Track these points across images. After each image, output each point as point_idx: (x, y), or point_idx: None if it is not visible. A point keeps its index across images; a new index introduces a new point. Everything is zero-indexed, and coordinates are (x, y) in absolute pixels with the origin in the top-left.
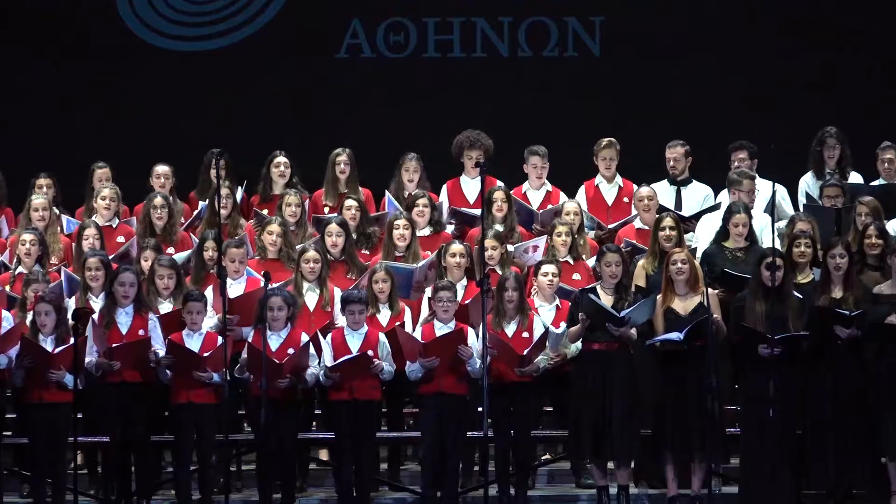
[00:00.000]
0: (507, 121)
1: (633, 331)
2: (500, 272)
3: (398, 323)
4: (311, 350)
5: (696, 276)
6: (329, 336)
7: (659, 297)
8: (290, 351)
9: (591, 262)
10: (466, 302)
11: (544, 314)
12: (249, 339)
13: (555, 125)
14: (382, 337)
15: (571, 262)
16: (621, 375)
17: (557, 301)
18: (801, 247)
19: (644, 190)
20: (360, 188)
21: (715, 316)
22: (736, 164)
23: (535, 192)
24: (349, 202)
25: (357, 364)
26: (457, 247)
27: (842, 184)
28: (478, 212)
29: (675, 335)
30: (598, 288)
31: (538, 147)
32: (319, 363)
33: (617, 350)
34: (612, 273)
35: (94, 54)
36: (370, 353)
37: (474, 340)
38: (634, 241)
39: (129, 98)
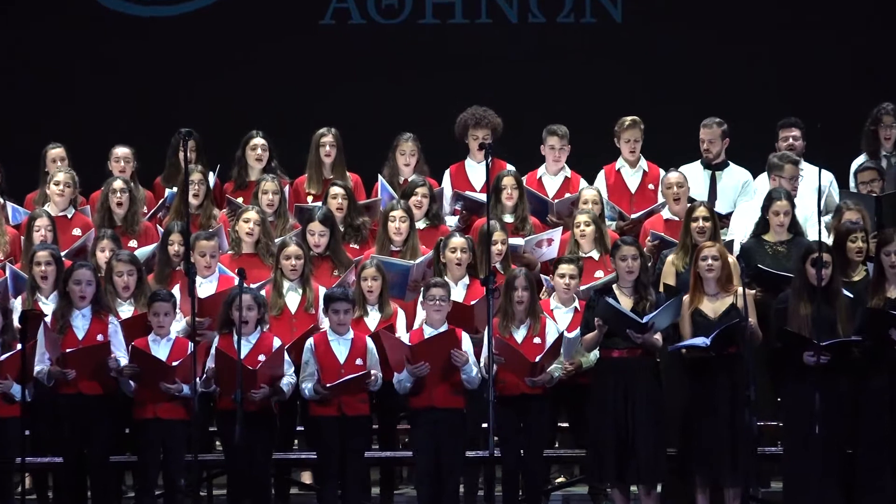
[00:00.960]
0: (516, 96)
1: (658, 336)
2: (502, 270)
3: (384, 327)
4: (287, 357)
5: (728, 274)
6: (310, 342)
7: (686, 296)
8: (262, 358)
9: None
10: (472, 303)
11: (560, 318)
12: (215, 345)
13: (570, 101)
14: (371, 343)
15: (596, 256)
16: (645, 386)
17: (577, 303)
18: (857, 241)
19: (673, 175)
20: (348, 173)
21: (747, 322)
22: (787, 143)
23: (552, 179)
24: (335, 189)
25: (354, 383)
26: (457, 240)
27: (878, 166)
28: (484, 197)
29: (700, 340)
30: (615, 288)
31: (558, 126)
32: (302, 373)
33: (640, 358)
34: (628, 268)
35: (43, 20)
36: (359, 361)
37: (469, 345)
38: (662, 234)
39: (84, 71)
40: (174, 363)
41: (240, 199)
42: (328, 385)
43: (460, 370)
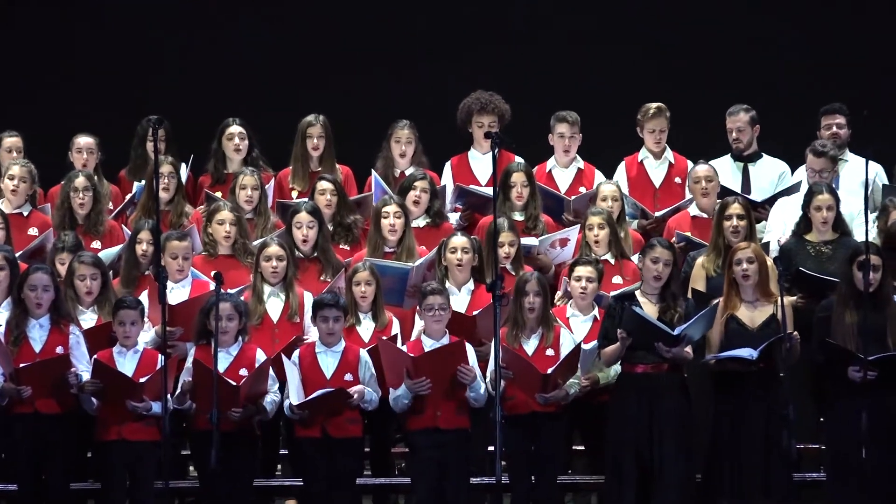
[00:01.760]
0: (525, 80)
1: (689, 349)
2: (513, 273)
3: (384, 337)
4: (271, 371)
5: (767, 280)
6: (295, 354)
7: (715, 302)
8: (243, 373)
9: (636, 258)
10: (475, 313)
11: (577, 327)
12: (191, 358)
13: (587, 86)
14: (364, 355)
15: (612, 260)
16: (672, 406)
17: (595, 311)
18: None
19: (701, 168)
20: (338, 166)
21: (793, 334)
22: (831, 132)
23: (562, 171)
24: (323, 184)
25: (330, 400)
26: (458, 240)
27: None
28: (491, 191)
29: (746, 352)
30: (638, 294)
31: (567, 113)
32: (286, 389)
33: (667, 373)
34: (658, 273)
35: None
36: (348, 376)
37: (474, 360)
38: (689, 234)
39: (41, 51)
40: (142, 378)
41: (218, 195)
42: (297, 403)
43: (467, 387)
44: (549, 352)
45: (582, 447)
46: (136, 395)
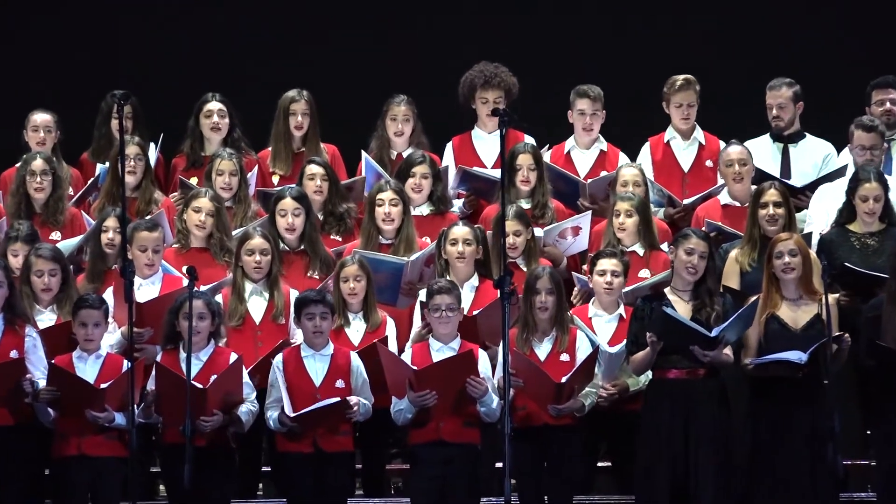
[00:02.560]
0: (535, 51)
1: (729, 351)
2: (524, 268)
3: (375, 340)
4: (246, 377)
5: (812, 275)
6: (278, 358)
7: (754, 299)
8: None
9: (665, 247)
10: (475, 312)
11: (601, 328)
12: (158, 362)
13: (605, 57)
14: (356, 359)
15: (641, 252)
16: (709, 416)
17: (622, 309)
18: None
19: (733, 149)
20: (323, 146)
21: (844, 335)
22: (884, 109)
23: (582, 154)
24: (312, 168)
25: (329, 413)
26: (459, 230)
27: None
28: (498, 173)
29: (794, 355)
30: (668, 292)
31: (589, 87)
32: (268, 398)
33: (703, 380)
34: (694, 266)
35: None
36: (340, 383)
37: (487, 368)
38: (720, 224)
39: None
40: (103, 385)
41: (193, 181)
42: (294, 415)
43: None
44: (564, 357)
45: (609, 463)
46: (96, 403)
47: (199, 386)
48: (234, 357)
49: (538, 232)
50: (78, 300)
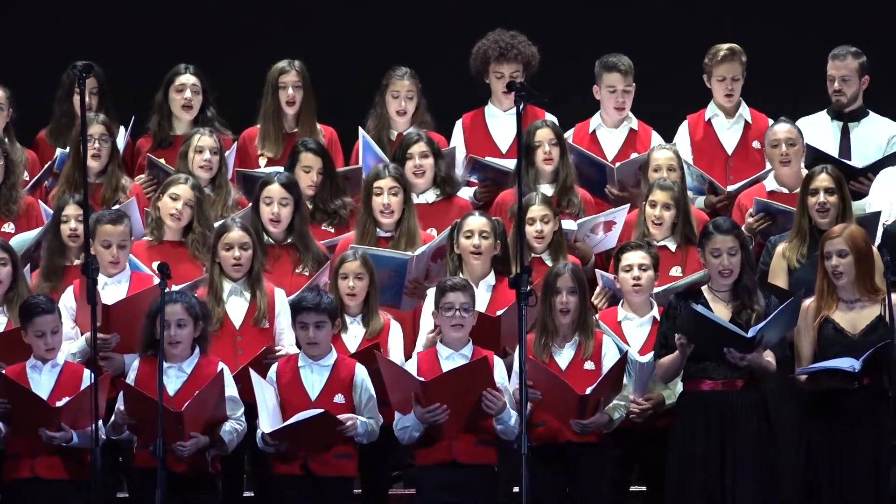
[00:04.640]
0: (555, 17)
1: (771, 357)
2: (548, 263)
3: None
4: (232, 391)
5: (872, 273)
6: (273, 369)
7: (809, 302)
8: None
9: None
10: (499, 313)
11: (632, 333)
12: (131, 377)
13: (634, 25)
14: (362, 373)
15: (673, 248)
16: (749, 432)
17: (655, 311)
18: None
19: (780, 127)
20: (320, 127)
21: None
22: None
23: (609, 133)
24: (309, 157)
25: (314, 427)
26: (476, 220)
27: None
28: (513, 163)
29: (846, 363)
30: (705, 291)
31: (618, 58)
32: (259, 416)
33: (741, 391)
34: (723, 267)
35: None
36: (339, 398)
37: (504, 378)
38: (769, 201)
39: None
40: (60, 402)
41: (162, 161)
42: (270, 430)
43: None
44: (588, 365)
45: (643, 487)
46: (50, 422)
47: (173, 410)
48: (221, 369)
49: (569, 225)
50: (25, 305)
